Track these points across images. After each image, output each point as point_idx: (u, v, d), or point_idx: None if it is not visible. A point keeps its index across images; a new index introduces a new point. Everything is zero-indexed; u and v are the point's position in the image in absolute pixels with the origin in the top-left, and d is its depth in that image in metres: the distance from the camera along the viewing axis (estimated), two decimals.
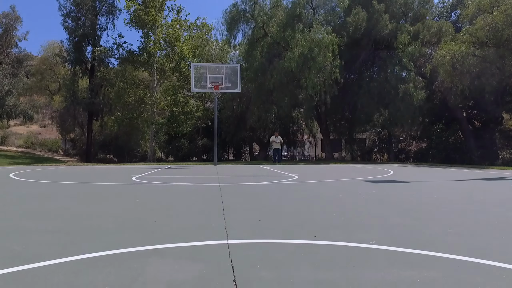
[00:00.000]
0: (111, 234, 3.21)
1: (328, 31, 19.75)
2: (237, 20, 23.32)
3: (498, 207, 4.82)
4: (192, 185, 7.57)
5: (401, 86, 19.99)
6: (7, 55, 33.58)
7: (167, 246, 2.80)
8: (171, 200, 5.46)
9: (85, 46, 29.27)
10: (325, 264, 2.37)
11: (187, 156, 27.57)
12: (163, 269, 2.26)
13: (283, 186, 7.34)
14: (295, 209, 4.61)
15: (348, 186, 7.46)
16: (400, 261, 2.43)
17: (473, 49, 16.63)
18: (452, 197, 5.83)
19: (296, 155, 31.98)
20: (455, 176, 10.41)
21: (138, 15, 23.42)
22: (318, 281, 2.06)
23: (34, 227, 3.49)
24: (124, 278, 2.11)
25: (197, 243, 2.91)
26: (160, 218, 3.97)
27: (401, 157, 25.43)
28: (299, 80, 20.49)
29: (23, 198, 5.76)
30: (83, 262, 2.40)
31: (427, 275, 2.16)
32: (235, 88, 16.26)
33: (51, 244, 2.90)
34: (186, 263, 2.39)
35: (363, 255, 2.58)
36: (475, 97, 19.91)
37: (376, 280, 2.08)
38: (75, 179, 9.20)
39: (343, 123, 26.11)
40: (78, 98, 29.43)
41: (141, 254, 2.60)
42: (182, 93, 25.87)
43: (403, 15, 22.15)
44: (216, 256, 2.56)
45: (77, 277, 2.12)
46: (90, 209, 4.56)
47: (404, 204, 5.00)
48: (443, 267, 2.32)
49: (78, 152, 35.76)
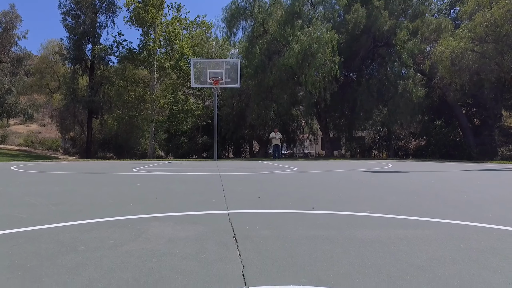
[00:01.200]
0: (113, 207, 3.27)
1: (328, 27, 19.82)
2: (236, 18, 23.39)
3: (495, 188, 4.88)
4: (192, 174, 7.63)
5: (400, 83, 20.07)
6: (7, 53, 33.61)
7: (168, 215, 2.87)
8: (172, 184, 5.52)
9: (85, 44, 29.33)
10: (322, 226, 2.43)
11: (187, 154, 27.60)
12: (165, 230, 2.33)
13: (282, 175, 7.40)
14: (294, 190, 4.67)
15: (347, 174, 7.52)
16: (395, 224, 2.50)
17: (472, 45, 16.70)
18: (451, 182, 5.89)
19: (296, 152, 32.02)
20: (454, 167, 10.47)
21: (138, 13, 23.47)
22: (315, 236, 2.13)
23: (39, 202, 3.55)
24: (128, 235, 2.17)
25: (197, 212, 2.98)
26: (161, 196, 4.03)
27: (400, 154, 25.50)
28: (299, 77, 20.55)
29: (26, 183, 5.82)
30: (87, 225, 2.47)
31: (421, 233, 2.23)
32: (234, 83, 16.32)
33: (56, 213, 2.96)
34: (187, 225, 2.46)
35: (359, 220, 2.65)
36: (474, 93, 19.98)
37: (371, 236, 2.15)
38: (76, 170, 9.25)
39: (342, 120, 26.16)
40: (78, 96, 29.47)
41: (143, 219, 2.66)
42: (182, 91, 25.93)
43: (402, 12, 22.23)
44: (216, 221, 2.63)
45: (81, 234, 2.19)
46: (92, 191, 4.62)
47: (402, 187, 5.07)
48: (436, 227, 2.39)
49: (78, 150, 35.78)
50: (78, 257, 1.73)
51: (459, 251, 1.83)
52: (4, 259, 1.72)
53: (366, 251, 1.83)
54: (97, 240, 2.06)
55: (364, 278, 1.46)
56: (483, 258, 1.71)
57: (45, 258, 1.73)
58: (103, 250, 1.85)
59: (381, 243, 1.97)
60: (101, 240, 2.04)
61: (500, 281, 1.43)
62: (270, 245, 1.93)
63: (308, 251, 1.83)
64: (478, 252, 1.81)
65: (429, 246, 1.92)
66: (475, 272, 1.53)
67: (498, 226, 2.42)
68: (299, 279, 1.44)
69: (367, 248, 1.88)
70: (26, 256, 1.76)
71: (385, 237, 2.12)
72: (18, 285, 1.39)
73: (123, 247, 1.90)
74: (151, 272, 1.53)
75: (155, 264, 1.63)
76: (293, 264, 1.63)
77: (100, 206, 3.30)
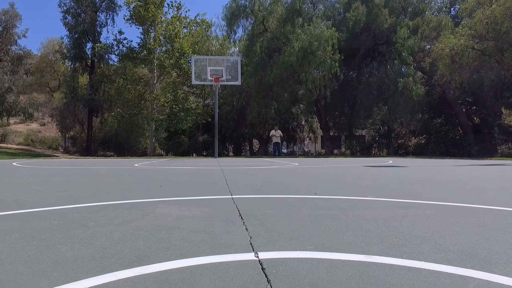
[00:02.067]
0: (118, 193, 3.32)
1: (328, 25, 19.85)
2: (237, 16, 23.41)
3: (493, 178, 4.93)
4: (194, 168, 7.68)
5: (401, 80, 20.09)
6: (7, 52, 33.63)
7: (173, 199, 2.91)
8: (175, 176, 5.56)
9: (85, 43, 29.29)
10: (326, 207, 2.48)
11: (187, 152, 27.62)
12: (172, 210, 2.37)
13: (284, 169, 7.44)
14: (296, 180, 4.72)
15: (348, 168, 7.57)
16: (397, 206, 2.55)
17: (472, 43, 16.74)
18: (450, 173, 5.94)
19: (296, 151, 32.06)
20: (454, 163, 10.52)
21: (138, 11, 23.49)
22: (318, 215, 2.18)
23: (45, 190, 3.60)
24: (135, 214, 2.22)
25: (201, 197, 3.03)
26: (165, 185, 4.07)
27: (400, 152, 25.53)
28: (299, 75, 20.57)
29: (30, 175, 5.86)
30: (94, 207, 2.52)
31: (422, 212, 2.28)
32: (235, 81, 16.34)
33: (63, 198, 3.01)
34: (193, 207, 2.50)
35: (361, 203, 2.70)
36: (474, 91, 20.02)
37: (373, 215, 2.19)
38: (78, 165, 9.29)
39: (342, 118, 26.19)
40: (78, 95, 29.46)
41: (149, 202, 2.71)
42: (182, 89, 25.96)
43: (402, 10, 22.26)
44: (221, 203, 2.67)
45: (90, 214, 2.24)
46: (96, 181, 4.66)
47: (403, 177, 5.11)
48: (437, 208, 2.44)
49: (78, 149, 35.79)
50: (89, 231, 1.78)
51: (459, 225, 1.88)
52: (17, 232, 1.76)
53: (369, 225, 1.88)
54: (106, 218, 2.10)
55: (368, 245, 1.50)
56: (483, 231, 1.76)
57: (57, 231, 1.77)
58: (112, 225, 1.90)
59: (383, 220, 2.02)
60: (110, 218, 2.09)
61: (499, 248, 1.48)
62: (275, 222, 1.98)
63: (312, 226, 1.87)
64: (478, 227, 1.86)
65: (430, 222, 1.96)
66: (475, 241, 1.58)
67: (498, 207, 2.46)
68: (305, 246, 1.49)
69: (370, 223, 1.93)
70: (39, 230, 1.81)
71: (387, 215, 2.17)
72: (34, 251, 1.44)
73: (132, 223, 1.95)
74: (161, 241, 1.58)
75: (164, 235, 1.68)
76: (298, 235, 1.67)
77: (105, 193, 3.35)
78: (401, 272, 1.18)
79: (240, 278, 1.13)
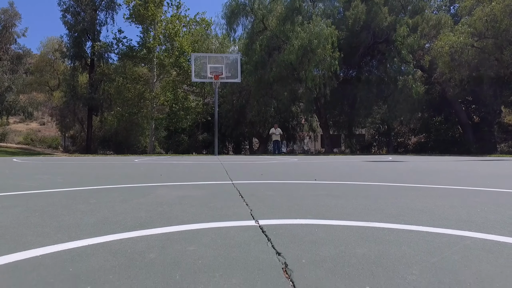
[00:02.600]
0: (118, 180, 3.33)
1: (328, 23, 19.86)
2: (236, 14, 23.40)
3: (491, 169, 4.95)
4: (194, 162, 7.69)
5: (400, 78, 20.10)
6: (6, 51, 33.62)
7: (174, 184, 2.93)
8: (175, 168, 5.57)
9: (85, 41, 29.29)
10: (325, 189, 2.50)
11: (186, 151, 27.61)
12: (172, 192, 2.39)
13: (283, 162, 7.46)
14: (295, 171, 4.74)
15: (349, 163, 7.59)
16: (396, 188, 2.56)
17: (472, 40, 16.76)
18: (449, 166, 5.96)
19: (296, 149, 32.08)
20: (453, 159, 10.55)
21: (138, 10, 23.49)
22: (318, 194, 2.20)
23: (46, 178, 3.62)
24: (137, 195, 2.24)
25: (202, 182, 3.04)
26: (165, 174, 4.09)
27: (400, 151, 25.56)
28: (299, 73, 20.58)
29: (31, 167, 5.87)
30: (95, 189, 2.53)
31: (420, 193, 2.30)
32: (235, 78, 16.34)
33: (63, 183, 3.03)
34: (193, 190, 2.52)
35: (360, 187, 2.72)
36: (474, 90, 20.05)
37: (373, 195, 2.21)
38: (78, 161, 9.30)
39: (342, 117, 26.20)
40: (78, 94, 29.46)
41: (150, 186, 2.73)
42: (182, 88, 25.96)
43: (402, 8, 22.28)
44: (221, 187, 2.69)
45: (91, 194, 2.25)
46: (96, 172, 4.67)
47: (402, 169, 5.13)
48: (435, 190, 2.46)
49: (77, 148, 35.79)
50: (91, 206, 1.80)
51: (457, 201, 1.90)
52: (20, 207, 1.78)
53: (368, 201, 1.90)
54: (107, 197, 2.12)
55: (367, 216, 1.52)
56: (480, 206, 1.78)
57: (59, 206, 1.79)
58: (114, 202, 1.92)
59: (382, 198, 2.04)
60: (112, 197, 2.11)
61: (496, 217, 1.50)
62: (275, 199, 2.00)
63: (312, 202, 1.89)
64: (476, 203, 1.88)
65: (429, 199, 1.98)
66: (472, 212, 1.59)
67: (496, 189, 2.48)
68: (305, 216, 1.51)
69: (368, 200, 1.95)
70: (41, 204, 1.83)
71: (385, 194, 2.19)
72: (38, 221, 1.46)
73: (133, 201, 1.97)
74: (162, 213, 1.59)
75: (166, 209, 1.70)
76: (298, 209, 1.69)
77: (106, 179, 3.36)
78: (400, 233, 1.20)
79: (241, 237, 1.15)
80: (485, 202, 1.90)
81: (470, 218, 1.45)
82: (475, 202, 1.90)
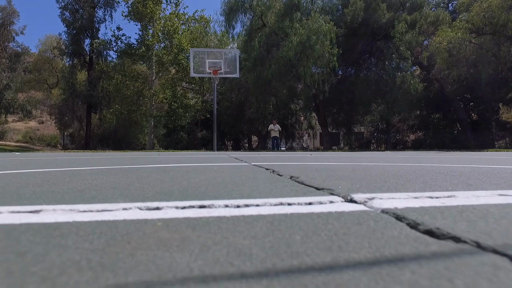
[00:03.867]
0: (120, 163, 3.36)
1: (326, 19, 19.88)
2: (235, 11, 23.40)
3: (488, 161, 5.00)
4: (194, 156, 7.71)
5: (399, 75, 20.15)
6: (5, 49, 33.54)
7: (172, 165, 2.96)
8: (175, 156, 5.59)
9: (83, 39, 29.23)
10: (321, 165, 2.53)
11: (185, 149, 27.61)
12: (184, 168, 2.41)
13: (284, 155, 7.49)
14: (291, 157, 4.76)
15: (349, 154, 7.62)
16: (391, 167, 2.60)
17: (470, 36, 16.81)
18: (446, 158, 6.00)
19: (295, 147, 32.14)
20: (452, 154, 10.60)
21: (136, 7, 23.45)
22: (313, 166, 2.22)
23: (46, 169, 3.64)
24: (139, 177, 2.26)
25: (204, 164, 3.07)
26: (168, 162, 4.11)
27: (398, 147, 25.63)
28: (297, 70, 20.61)
29: (33, 160, 5.88)
30: (95, 169, 2.56)
31: (413, 169, 2.33)
32: (234, 73, 16.34)
33: (60, 164, 3.05)
34: (195, 166, 2.55)
35: (354, 165, 2.75)
36: (472, 86, 20.12)
37: (364, 166, 2.24)
38: (77, 156, 9.31)
39: (341, 114, 26.25)
40: (77, 91, 29.41)
41: (147, 168, 2.75)
42: (181, 86, 25.95)
43: (400, 5, 22.31)
44: (222, 165, 2.72)
45: (86, 172, 2.28)
46: (94, 160, 4.70)
47: (398, 158, 5.16)
48: (426, 168, 2.49)
49: (76, 146, 35.79)
50: (85, 181, 1.82)
51: (448, 178, 1.93)
52: (14, 183, 1.80)
53: (358, 169, 1.93)
54: (102, 174, 2.14)
55: (354, 180, 1.56)
56: (471, 181, 1.81)
57: (52, 183, 1.81)
58: (110, 175, 1.94)
59: (372, 168, 2.07)
60: (106, 175, 2.13)
61: (485, 182, 1.52)
62: (273, 168, 2.03)
63: (307, 172, 1.92)
64: (466, 179, 1.91)
65: (419, 173, 2.01)
66: (459, 182, 1.62)
67: (493, 166, 2.51)
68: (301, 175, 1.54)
69: (359, 169, 1.98)
70: (34, 180, 1.85)
71: (377, 168, 2.21)
72: (29, 192, 1.48)
73: (131, 173, 1.99)
74: (164, 179, 1.62)
75: (169, 177, 1.72)
76: (294, 174, 1.72)
77: (102, 163, 3.39)
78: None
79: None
80: (477, 180, 1.93)
81: (455, 187, 1.48)
82: (467, 178, 1.93)
